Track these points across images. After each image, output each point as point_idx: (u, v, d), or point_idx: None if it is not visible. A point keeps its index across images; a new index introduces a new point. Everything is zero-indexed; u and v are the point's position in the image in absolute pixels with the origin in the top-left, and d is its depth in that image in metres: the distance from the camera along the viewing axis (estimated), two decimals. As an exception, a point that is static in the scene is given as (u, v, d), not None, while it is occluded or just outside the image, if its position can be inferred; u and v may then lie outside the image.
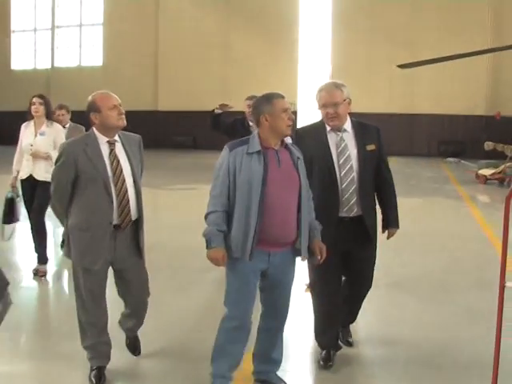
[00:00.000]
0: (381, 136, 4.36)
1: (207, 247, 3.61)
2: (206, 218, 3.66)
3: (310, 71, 27.09)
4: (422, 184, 16.75)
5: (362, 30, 25.70)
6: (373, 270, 4.52)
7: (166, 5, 28.40)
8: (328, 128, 4.26)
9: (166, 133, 27.88)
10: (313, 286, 4.48)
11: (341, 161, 4.18)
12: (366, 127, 4.34)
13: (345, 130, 4.25)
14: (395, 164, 20.20)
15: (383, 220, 4.46)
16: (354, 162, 4.19)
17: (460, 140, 25.60)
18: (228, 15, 27.61)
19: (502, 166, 16.44)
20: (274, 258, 3.68)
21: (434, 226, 10.37)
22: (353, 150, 4.22)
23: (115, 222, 3.91)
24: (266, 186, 3.54)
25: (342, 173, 4.17)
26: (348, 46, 26.01)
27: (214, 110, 6.78)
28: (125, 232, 3.97)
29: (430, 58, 15.35)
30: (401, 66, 16.53)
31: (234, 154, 3.61)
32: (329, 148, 4.20)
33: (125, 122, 3.96)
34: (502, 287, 3.32)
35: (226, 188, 3.60)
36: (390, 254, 7.52)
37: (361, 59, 25.69)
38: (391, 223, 4.44)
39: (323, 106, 4.19)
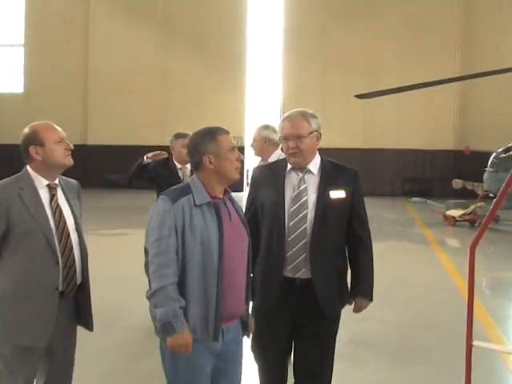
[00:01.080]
0: (358, 182, 4.07)
1: (169, 333, 3.19)
2: (153, 295, 3.23)
3: (260, 102, 27.30)
4: (384, 227, 16.85)
5: (315, 57, 26.07)
6: (328, 362, 4.03)
7: (98, 25, 28.28)
8: (289, 167, 4.01)
9: (97, 170, 27.52)
10: (254, 356, 4.22)
11: (293, 208, 3.88)
12: (339, 169, 4.06)
13: (308, 171, 3.98)
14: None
15: (352, 288, 4.08)
16: (310, 210, 3.87)
17: (426, 177, 25.96)
18: (168, 39, 27.61)
19: (473, 206, 16.62)
20: (227, 334, 3.44)
21: (397, 275, 10.40)
22: (312, 196, 3.91)
23: (60, 287, 3.59)
24: (223, 247, 3.28)
25: (291, 222, 3.87)
26: (300, 75, 26.29)
27: (141, 161, 6.67)
28: (66, 300, 3.66)
29: (392, 88, 15.41)
30: (359, 96, 16.55)
31: (179, 207, 3.27)
32: (283, 191, 3.93)
33: (72, 160, 3.69)
34: (470, 346, 3.31)
35: (175, 252, 3.24)
36: (347, 306, 7.49)
37: (315, 89, 25.93)
38: (361, 292, 4.04)
39: (284, 138, 3.96)
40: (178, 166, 6.71)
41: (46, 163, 3.61)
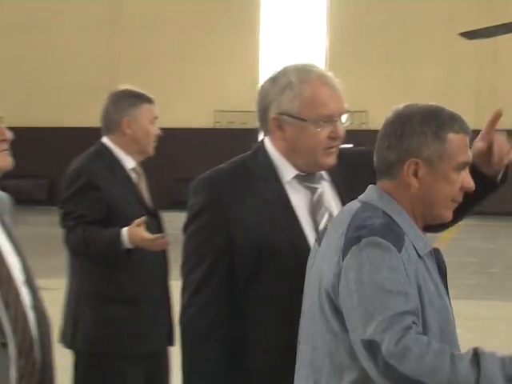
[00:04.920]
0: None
1: None
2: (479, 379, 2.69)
3: (287, 50, 27.36)
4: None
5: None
6: None
7: None
8: (290, 173, 3.68)
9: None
10: None
11: None
12: (352, 154, 3.96)
13: (320, 176, 3.73)
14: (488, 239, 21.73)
15: None
16: None
17: None
18: None
19: None
20: None
21: None
22: None
23: None
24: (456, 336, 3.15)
25: None
26: (360, 2, 26.04)
27: (118, 245, 5.27)
28: None
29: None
30: (468, 36, 17.10)
31: (410, 259, 2.76)
32: (297, 222, 3.53)
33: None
34: None
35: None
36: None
37: (385, 25, 25.75)
38: None
39: (330, 116, 3.55)
40: (129, 163, 5.41)
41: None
